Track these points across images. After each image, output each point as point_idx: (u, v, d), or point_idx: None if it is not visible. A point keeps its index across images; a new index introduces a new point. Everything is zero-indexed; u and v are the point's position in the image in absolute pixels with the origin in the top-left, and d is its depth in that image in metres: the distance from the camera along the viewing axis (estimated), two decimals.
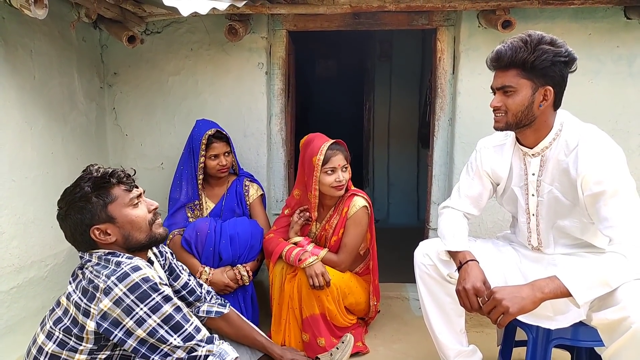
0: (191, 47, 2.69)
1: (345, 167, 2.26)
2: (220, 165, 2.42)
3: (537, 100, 1.54)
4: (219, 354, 1.36)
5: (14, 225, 2.01)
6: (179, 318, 1.33)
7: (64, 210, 1.38)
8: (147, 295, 1.28)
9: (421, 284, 1.85)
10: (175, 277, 1.66)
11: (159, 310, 1.30)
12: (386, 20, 2.67)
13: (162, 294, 1.31)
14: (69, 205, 1.36)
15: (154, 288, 1.30)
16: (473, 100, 2.54)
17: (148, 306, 1.28)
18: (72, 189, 1.38)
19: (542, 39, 1.49)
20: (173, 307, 1.33)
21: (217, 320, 1.72)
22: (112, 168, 1.44)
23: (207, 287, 1.80)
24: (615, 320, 1.33)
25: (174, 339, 1.31)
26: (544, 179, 1.65)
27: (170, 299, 1.33)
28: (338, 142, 2.28)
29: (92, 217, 1.36)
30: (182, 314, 1.34)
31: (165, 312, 1.30)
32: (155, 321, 1.29)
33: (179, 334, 1.32)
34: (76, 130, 2.46)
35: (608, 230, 1.45)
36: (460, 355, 1.88)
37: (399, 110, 4.81)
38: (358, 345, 2.28)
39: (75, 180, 1.41)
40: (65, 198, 1.38)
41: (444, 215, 1.89)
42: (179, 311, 1.34)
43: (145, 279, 1.29)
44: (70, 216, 1.37)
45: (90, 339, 1.31)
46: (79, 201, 1.36)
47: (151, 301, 1.29)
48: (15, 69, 2.00)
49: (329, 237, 2.34)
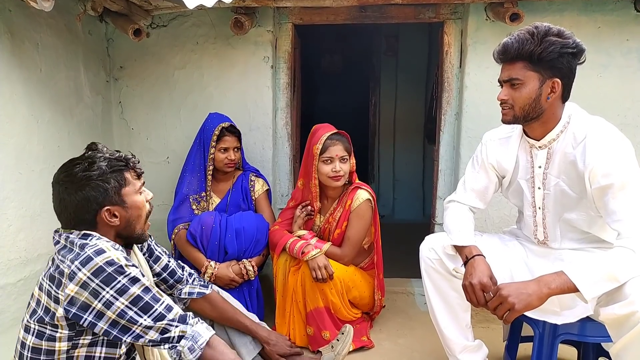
0: (197, 41, 2.68)
1: (344, 158, 2.25)
2: (228, 159, 2.42)
3: (545, 92, 1.52)
4: (192, 336, 1.34)
5: (20, 218, 2.02)
6: (148, 298, 1.31)
7: (76, 185, 1.34)
8: (112, 279, 1.27)
9: (427, 278, 1.84)
10: (155, 259, 1.65)
11: (126, 292, 1.28)
12: (393, 13, 2.65)
13: (127, 275, 1.29)
14: (85, 181, 1.33)
15: (118, 271, 1.28)
16: (480, 94, 2.52)
17: (114, 289, 1.27)
18: (88, 166, 1.34)
19: (549, 30, 1.47)
20: (141, 288, 1.30)
21: (200, 302, 1.71)
22: (119, 151, 1.44)
23: (189, 269, 1.79)
24: (623, 315, 1.31)
25: (144, 320, 1.29)
26: (551, 171, 1.64)
27: (138, 280, 1.31)
28: (340, 133, 2.28)
29: (107, 197, 1.35)
30: (151, 295, 1.32)
31: (132, 294, 1.29)
32: (123, 303, 1.27)
33: (149, 314, 1.30)
34: (82, 123, 2.46)
35: (616, 224, 1.44)
36: (466, 350, 1.87)
37: (404, 105, 4.79)
38: (363, 340, 2.28)
39: (87, 156, 1.38)
40: (76, 172, 1.34)
41: (450, 210, 1.88)
42: (148, 292, 1.32)
43: (109, 262, 1.27)
44: (82, 192, 1.33)
45: (63, 325, 1.30)
46: (97, 179, 1.33)
47: (117, 284, 1.27)
48: (21, 62, 2.01)
49: (332, 230, 2.33)
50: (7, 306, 1.97)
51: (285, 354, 1.81)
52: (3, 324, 1.95)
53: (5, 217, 1.95)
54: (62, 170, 1.38)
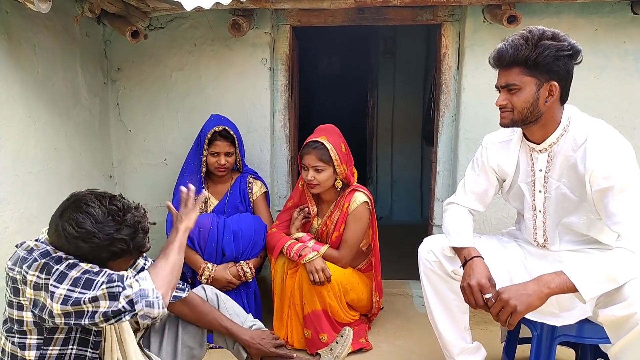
0: (195, 43, 2.68)
1: (317, 168, 2.22)
2: (218, 164, 2.41)
3: (543, 96, 1.52)
4: (141, 296, 1.27)
5: (17, 220, 2.01)
6: (88, 276, 1.27)
7: (76, 234, 1.28)
8: (51, 269, 1.26)
9: (425, 280, 1.84)
10: (131, 263, 1.63)
11: (66, 277, 1.26)
12: (390, 15, 2.65)
13: (65, 263, 1.28)
14: (84, 237, 1.28)
15: (57, 261, 1.28)
16: (478, 96, 2.53)
17: (54, 278, 1.25)
18: (94, 234, 1.28)
19: (543, 34, 1.47)
20: (80, 271, 1.28)
21: (178, 304, 1.67)
22: (142, 230, 1.38)
23: None
24: (622, 316, 1.32)
25: (89, 293, 1.25)
26: (552, 175, 1.64)
27: (76, 265, 1.28)
28: (319, 141, 2.23)
29: (90, 260, 1.32)
30: (91, 273, 1.28)
31: (72, 277, 1.26)
32: (65, 288, 1.25)
33: (92, 287, 1.26)
34: (80, 125, 2.45)
35: (616, 226, 1.44)
36: (464, 353, 1.87)
37: (402, 107, 4.79)
38: (361, 342, 2.27)
39: (109, 223, 1.30)
40: (79, 230, 1.27)
41: (449, 212, 1.88)
42: (87, 272, 1.28)
43: (51, 257, 1.28)
44: (75, 242, 1.28)
45: (32, 330, 1.31)
46: (97, 244, 1.29)
47: (55, 272, 1.26)
48: (18, 64, 2.00)
49: (330, 233, 2.33)
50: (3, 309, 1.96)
51: (269, 354, 1.72)
52: None
53: (2, 220, 1.94)
54: (73, 211, 1.30)
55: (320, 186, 2.26)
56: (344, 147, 2.30)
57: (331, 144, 2.22)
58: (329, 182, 2.27)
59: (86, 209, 1.29)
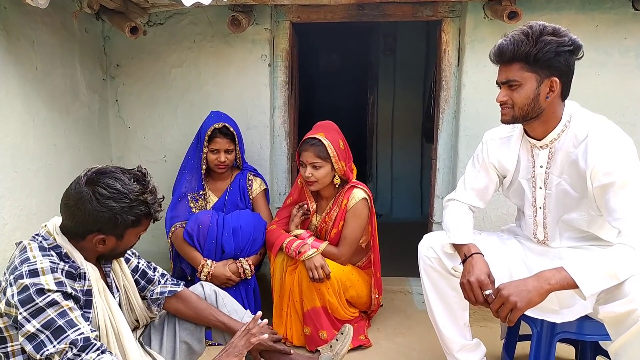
0: (194, 39, 2.67)
1: (315, 165, 2.22)
2: (218, 161, 2.41)
3: (544, 92, 1.52)
4: None
5: (16, 216, 2.01)
6: (62, 323, 1.24)
7: (99, 203, 1.29)
8: (29, 298, 1.22)
9: (425, 277, 1.84)
10: (125, 261, 1.63)
11: (40, 314, 1.22)
12: (390, 11, 2.64)
13: (46, 298, 1.23)
14: (107, 205, 1.30)
15: (38, 292, 1.23)
16: (478, 92, 2.52)
17: (28, 310, 1.22)
18: (122, 196, 1.31)
19: (543, 29, 1.46)
20: (57, 312, 1.24)
21: (173, 301, 1.69)
22: (158, 199, 1.41)
23: (161, 270, 1.76)
24: (623, 313, 1.31)
25: (51, 347, 1.22)
26: (552, 171, 1.63)
27: (55, 304, 1.24)
28: (316, 138, 2.22)
29: (111, 229, 1.34)
30: (65, 319, 1.25)
31: (47, 317, 1.22)
32: (35, 327, 1.22)
33: (59, 340, 1.23)
34: (79, 122, 2.45)
35: (617, 222, 1.43)
36: (464, 349, 1.87)
37: (402, 104, 4.79)
38: (361, 339, 2.27)
39: (135, 186, 1.34)
40: (104, 193, 1.30)
41: (449, 208, 1.87)
42: (64, 315, 1.25)
43: (34, 284, 1.23)
44: (97, 212, 1.30)
45: (13, 336, 1.29)
46: (118, 211, 1.31)
47: (33, 305, 1.22)
48: (17, 60, 1.99)
49: (329, 230, 2.33)
50: None
51: (267, 348, 1.72)
52: None
53: (1, 216, 1.94)
54: (101, 177, 1.33)
55: (319, 183, 2.25)
56: (342, 143, 2.29)
57: (329, 141, 2.22)
58: (327, 179, 2.26)
59: (112, 174, 1.34)
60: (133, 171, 1.39)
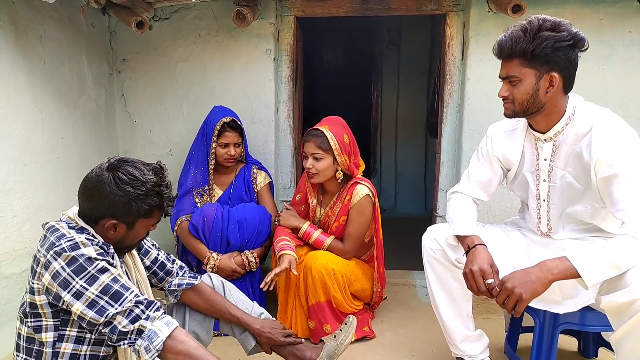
0: (199, 34, 2.69)
1: (316, 156, 2.22)
2: (228, 155, 2.42)
3: (543, 87, 1.52)
4: (148, 336, 1.31)
5: (25, 209, 2.04)
6: (118, 287, 1.31)
7: (117, 187, 1.34)
8: (81, 268, 1.28)
9: (429, 268, 1.85)
10: (145, 253, 1.67)
11: (96, 281, 1.29)
12: (395, 5, 2.65)
13: (96, 265, 1.30)
14: (125, 190, 1.34)
15: (87, 260, 1.29)
16: (482, 86, 2.53)
17: (83, 279, 1.28)
18: (140, 183, 1.36)
19: (542, 25, 1.46)
20: (110, 278, 1.31)
21: (190, 293, 1.72)
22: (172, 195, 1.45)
23: (179, 262, 1.80)
24: (625, 302, 1.32)
25: (114, 308, 1.29)
26: (557, 164, 1.64)
27: (106, 270, 1.31)
28: (319, 129, 2.23)
29: (124, 214, 1.37)
30: (120, 284, 1.32)
31: (102, 282, 1.29)
32: (94, 293, 1.28)
33: (120, 302, 1.30)
34: (86, 116, 2.48)
35: (620, 213, 1.44)
36: (467, 340, 1.89)
37: (406, 99, 4.79)
38: (365, 330, 2.29)
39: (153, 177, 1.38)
40: (130, 177, 1.35)
41: (453, 200, 1.88)
42: (117, 281, 1.32)
43: (81, 254, 1.29)
44: (114, 195, 1.34)
45: (47, 314, 1.33)
46: (134, 198, 1.35)
47: (86, 274, 1.28)
48: (25, 54, 2.02)
49: (331, 224, 2.35)
50: (13, 295, 1.99)
51: (279, 343, 1.75)
52: (10, 313, 1.97)
53: (11, 208, 1.97)
54: (122, 164, 1.38)
55: (320, 175, 2.25)
56: (348, 137, 2.28)
57: (332, 133, 2.21)
58: (328, 171, 2.26)
59: (134, 164, 1.40)
60: (153, 164, 1.44)
